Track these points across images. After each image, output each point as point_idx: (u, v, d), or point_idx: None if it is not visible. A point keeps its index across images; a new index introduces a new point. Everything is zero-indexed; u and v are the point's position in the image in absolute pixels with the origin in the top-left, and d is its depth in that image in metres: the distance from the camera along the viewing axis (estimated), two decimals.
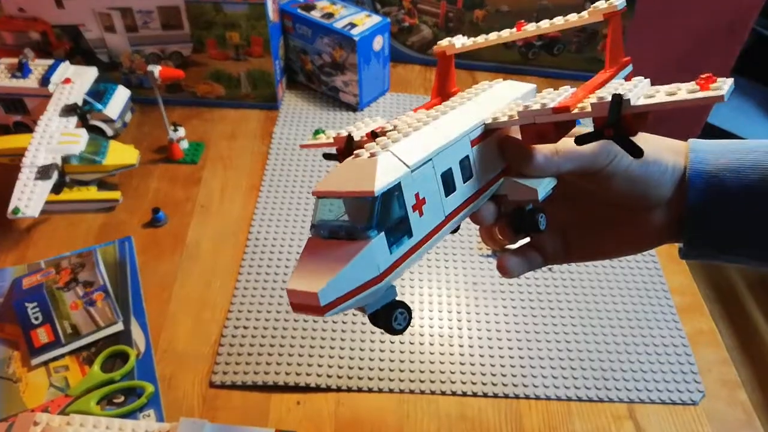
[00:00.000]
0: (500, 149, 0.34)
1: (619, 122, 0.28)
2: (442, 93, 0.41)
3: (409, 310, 0.30)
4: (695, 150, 0.36)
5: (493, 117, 0.33)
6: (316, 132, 0.42)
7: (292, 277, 0.27)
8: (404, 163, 0.28)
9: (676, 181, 0.36)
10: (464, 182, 0.32)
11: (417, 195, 0.29)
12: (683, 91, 0.27)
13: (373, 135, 0.35)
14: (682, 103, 0.27)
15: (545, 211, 0.35)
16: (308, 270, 0.27)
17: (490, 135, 0.33)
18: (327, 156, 0.40)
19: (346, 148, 0.37)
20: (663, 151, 0.35)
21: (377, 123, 0.39)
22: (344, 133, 0.38)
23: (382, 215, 0.27)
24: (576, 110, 0.29)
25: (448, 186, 0.31)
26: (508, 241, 0.37)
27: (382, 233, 0.27)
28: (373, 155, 0.28)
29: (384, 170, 0.27)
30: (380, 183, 0.26)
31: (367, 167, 0.27)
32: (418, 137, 0.30)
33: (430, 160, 0.30)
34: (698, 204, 0.35)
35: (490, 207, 0.34)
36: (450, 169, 0.31)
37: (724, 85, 0.26)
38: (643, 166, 0.33)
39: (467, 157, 0.32)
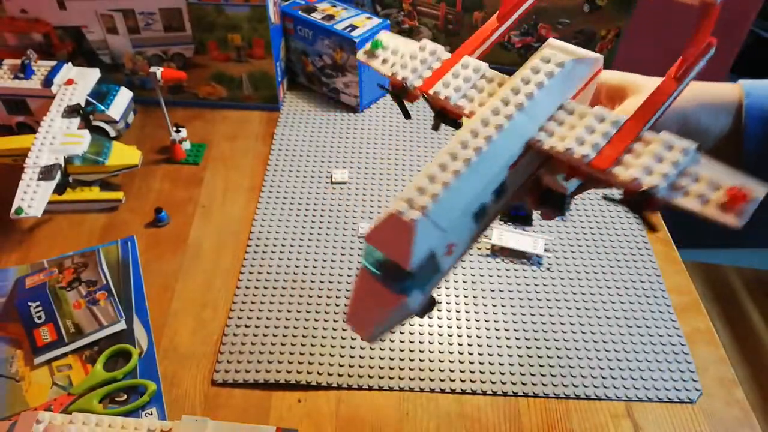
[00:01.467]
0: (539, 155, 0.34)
1: (641, 209, 0.30)
2: (503, 15, 0.39)
3: (433, 302, 0.33)
4: (751, 95, 0.34)
5: (537, 138, 0.33)
6: (375, 44, 0.40)
7: (350, 310, 0.33)
8: (440, 228, 0.30)
9: (732, 133, 0.35)
10: (496, 203, 0.33)
11: (450, 245, 0.31)
12: (713, 203, 0.28)
13: (425, 98, 0.36)
14: (703, 215, 0.28)
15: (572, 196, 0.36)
16: (360, 309, 0.32)
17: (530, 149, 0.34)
18: (382, 87, 0.40)
19: (400, 90, 0.37)
20: (715, 110, 0.34)
21: (437, 63, 0.38)
22: (400, 77, 0.38)
23: (416, 277, 0.30)
24: (609, 174, 0.30)
25: (480, 217, 0.33)
26: (531, 207, 0.37)
27: (417, 289, 0.30)
28: (412, 222, 0.29)
29: (419, 243, 0.29)
30: (415, 259, 0.29)
31: (405, 234, 0.29)
32: (458, 187, 0.31)
33: (465, 210, 0.31)
34: (757, 147, 0.34)
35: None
36: (483, 205, 0.32)
37: (749, 208, 0.27)
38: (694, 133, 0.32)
39: (503, 182, 0.33)
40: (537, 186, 0.35)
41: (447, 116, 0.38)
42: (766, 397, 0.93)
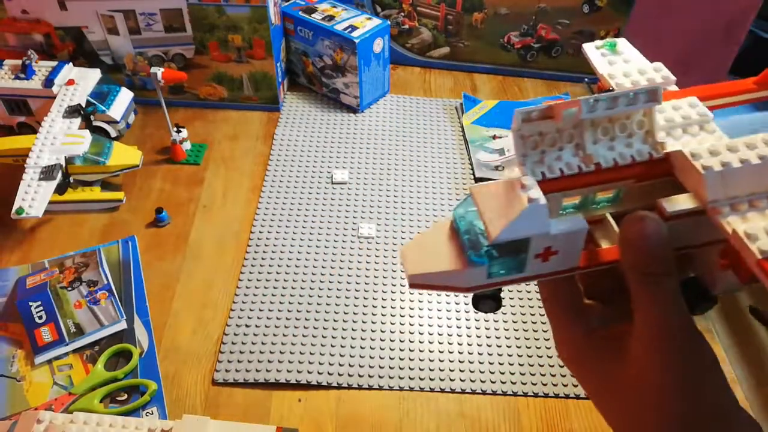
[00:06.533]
0: None
1: None
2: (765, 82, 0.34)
3: (498, 302, 0.30)
4: None
5: (721, 208, 0.26)
6: (610, 45, 0.36)
7: (410, 244, 0.28)
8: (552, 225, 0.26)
9: None
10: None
11: (548, 248, 0.27)
12: None
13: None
14: None
15: None
16: (420, 249, 0.28)
17: None
18: (587, 78, 0.36)
19: (605, 91, 0.33)
20: None
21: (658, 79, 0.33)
22: (612, 82, 0.34)
23: (493, 257, 0.27)
24: None
25: None
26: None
27: (485, 267, 0.27)
28: (527, 200, 0.25)
29: (520, 223, 0.25)
30: (504, 235, 0.25)
31: (512, 206, 0.25)
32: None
33: None
34: None
35: None
36: None
37: None
38: None
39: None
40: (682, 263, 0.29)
41: None
42: (764, 396, 0.93)
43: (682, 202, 0.26)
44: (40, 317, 0.58)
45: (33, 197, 0.64)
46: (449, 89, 0.94)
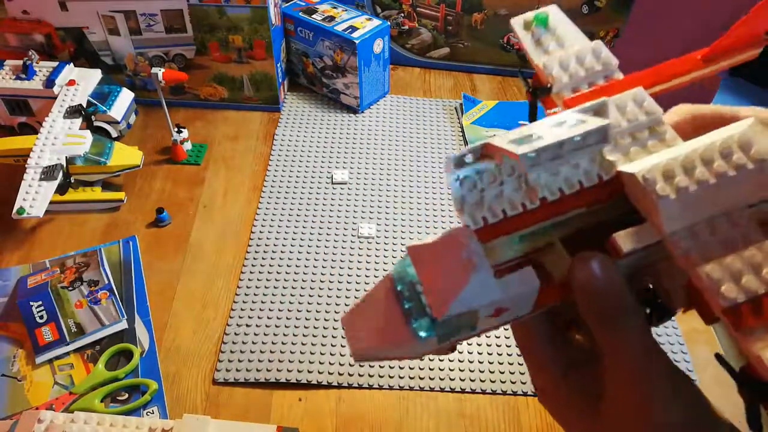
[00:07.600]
0: None
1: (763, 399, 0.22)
2: (712, 58, 0.30)
3: (453, 348, 0.28)
4: None
5: (679, 236, 0.23)
6: (541, 19, 0.31)
7: (351, 313, 0.26)
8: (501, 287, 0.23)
9: None
10: None
11: (499, 308, 0.24)
12: None
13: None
14: None
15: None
16: (362, 319, 0.26)
17: None
18: (521, 73, 0.32)
19: (541, 90, 0.30)
20: None
21: (602, 80, 0.29)
22: (550, 74, 0.29)
23: (441, 325, 0.24)
24: (744, 339, 0.21)
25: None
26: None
27: (434, 337, 0.24)
28: (473, 264, 0.23)
29: (467, 296, 0.23)
30: (452, 312, 0.23)
31: (457, 275, 0.23)
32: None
33: None
34: None
35: None
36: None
37: None
38: None
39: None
40: (638, 280, 0.27)
41: None
42: None
43: (637, 236, 0.23)
44: (41, 317, 0.58)
45: (34, 197, 0.64)
46: (449, 90, 0.94)
